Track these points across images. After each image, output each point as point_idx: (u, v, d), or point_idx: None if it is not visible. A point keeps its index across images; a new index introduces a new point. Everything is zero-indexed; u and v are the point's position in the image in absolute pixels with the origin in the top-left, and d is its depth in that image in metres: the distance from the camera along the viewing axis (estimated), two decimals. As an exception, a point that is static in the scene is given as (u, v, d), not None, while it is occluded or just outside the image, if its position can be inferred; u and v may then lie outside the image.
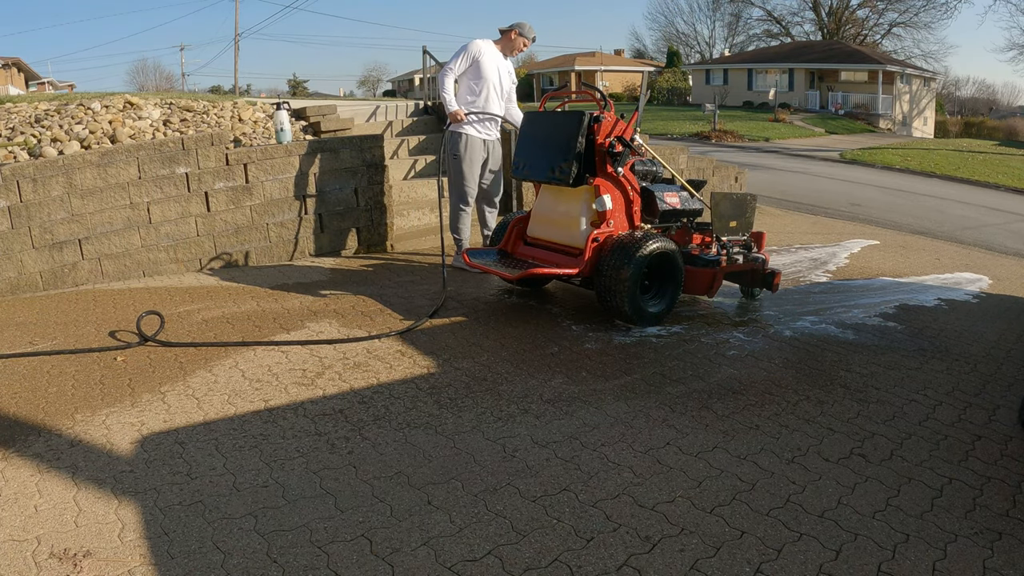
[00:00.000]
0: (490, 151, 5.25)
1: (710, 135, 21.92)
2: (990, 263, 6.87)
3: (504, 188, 5.69)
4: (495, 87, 5.16)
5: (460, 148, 5.11)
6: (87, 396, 3.03)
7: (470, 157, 5.13)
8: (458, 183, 5.21)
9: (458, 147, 5.11)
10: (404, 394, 3.07)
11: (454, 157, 5.15)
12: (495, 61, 5.15)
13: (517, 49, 5.24)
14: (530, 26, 5.17)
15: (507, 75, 5.28)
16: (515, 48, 5.22)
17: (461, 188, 5.20)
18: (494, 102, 5.17)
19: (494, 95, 5.17)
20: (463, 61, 5.08)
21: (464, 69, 5.10)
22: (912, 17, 41.57)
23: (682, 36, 52.67)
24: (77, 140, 5.21)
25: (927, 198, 12.37)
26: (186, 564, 1.94)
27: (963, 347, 3.97)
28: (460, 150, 5.11)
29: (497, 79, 5.16)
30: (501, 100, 5.25)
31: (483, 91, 5.11)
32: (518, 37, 5.16)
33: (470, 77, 5.12)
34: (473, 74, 5.10)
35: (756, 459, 2.56)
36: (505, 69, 5.26)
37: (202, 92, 16.08)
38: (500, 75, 5.19)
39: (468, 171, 5.15)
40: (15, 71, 30.73)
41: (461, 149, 5.11)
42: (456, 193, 5.24)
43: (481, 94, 5.12)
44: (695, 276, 4.21)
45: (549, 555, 2.00)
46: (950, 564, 2.00)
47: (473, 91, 5.12)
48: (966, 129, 40.73)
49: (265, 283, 4.85)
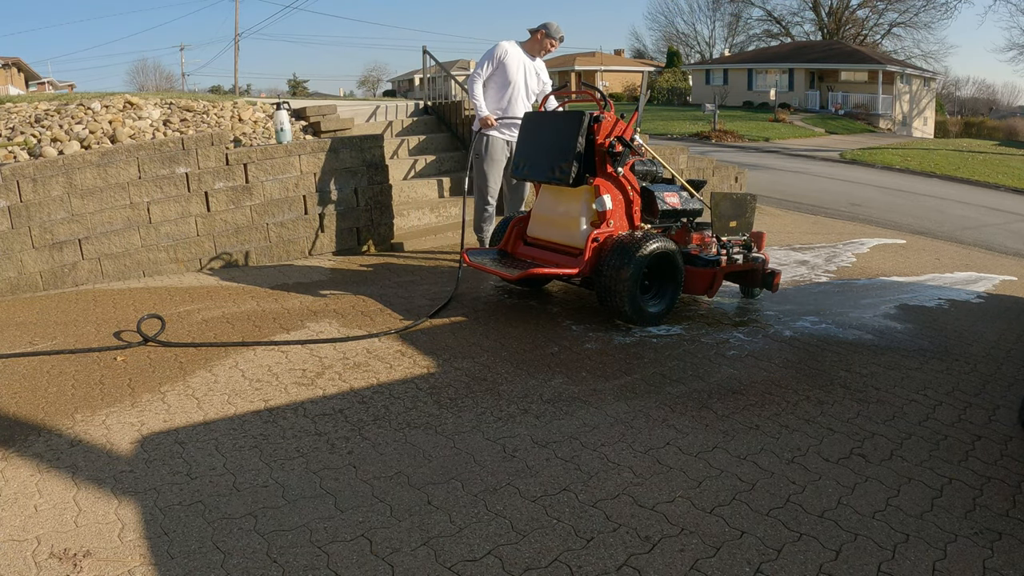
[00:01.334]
0: (513, 152, 5.29)
1: (710, 135, 21.91)
2: (990, 263, 6.87)
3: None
4: (521, 89, 5.24)
5: (482, 148, 5.24)
6: (87, 396, 3.03)
7: (491, 157, 5.23)
8: (480, 183, 5.33)
9: (480, 147, 5.24)
10: (404, 394, 3.07)
11: (476, 156, 5.29)
12: (521, 62, 5.22)
13: (545, 50, 5.29)
14: (557, 26, 5.23)
15: (535, 76, 5.34)
16: (543, 48, 5.28)
17: (483, 187, 5.32)
18: (519, 104, 5.25)
19: (520, 97, 5.25)
20: (489, 65, 5.17)
21: (491, 73, 5.18)
22: (912, 17, 41.59)
23: (682, 36, 52.72)
24: (77, 140, 5.21)
25: (927, 198, 12.37)
26: (186, 564, 1.94)
27: (963, 347, 3.97)
28: (482, 150, 5.24)
29: (523, 81, 5.24)
30: (528, 101, 5.33)
31: (508, 94, 5.21)
32: (545, 38, 5.22)
33: (497, 80, 5.21)
34: (500, 77, 5.19)
35: (756, 459, 2.56)
36: (533, 70, 5.31)
37: (202, 92, 16.08)
38: (527, 76, 5.26)
39: (489, 171, 5.26)
40: (15, 71, 30.72)
41: (483, 149, 5.23)
42: (479, 192, 5.36)
43: (507, 97, 5.22)
44: (695, 276, 4.21)
45: (549, 555, 2.00)
46: (950, 564, 2.00)
47: (500, 94, 5.23)
48: (966, 129, 40.73)
49: (265, 283, 4.85)
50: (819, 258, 6.34)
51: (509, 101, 5.20)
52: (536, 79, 5.35)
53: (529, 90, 5.30)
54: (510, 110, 5.20)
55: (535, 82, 5.34)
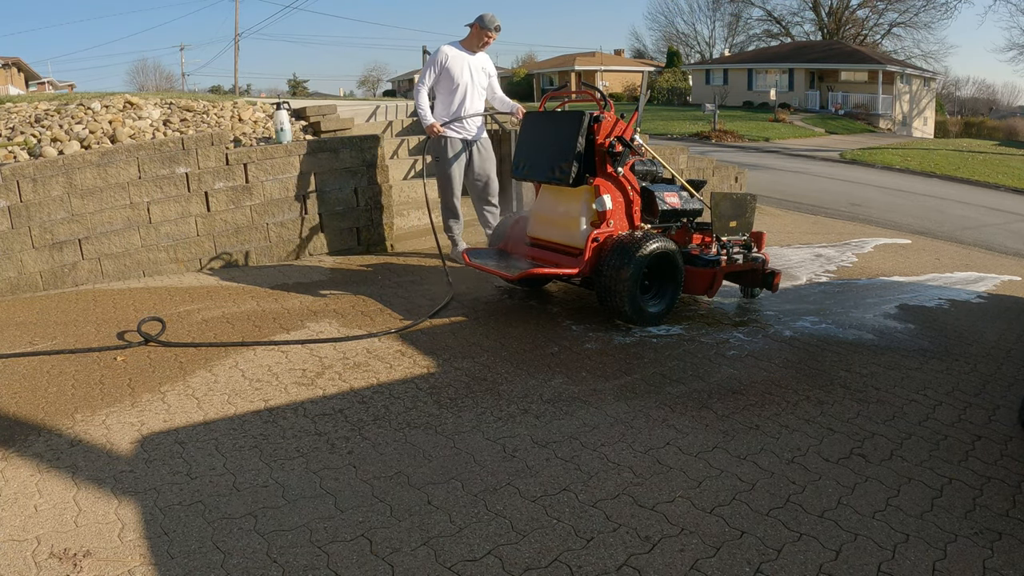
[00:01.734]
0: (474, 150, 5.25)
1: (710, 135, 21.90)
2: (990, 263, 6.87)
3: (503, 188, 5.69)
4: (470, 87, 5.15)
5: (438, 149, 5.19)
6: (87, 396, 3.03)
7: (449, 158, 5.18)
8: (440, 183, 5.30)
9: (436, 148, 5.20)
10: (404, 394, 3.07)
11: (436, 160, 5.24)
12: (464, 61, 5.14)
13: (483, 43, 5.17)
14: (492, 16, 5.07)
15: (481, 71, 5.23)
16: (481, 42, 5.16)
17: (443, 187, 5.29)
18: (472, 102, 5.17)
19: (472, 95, 5.17)
20: (431, 72, 5.11)
21: (435, 79, 5.13)
22: (912, 17, 41.56)
23: (682, 36, 52.68)
24: (77, 140, 5.21)
25: (927, 198, 12.36)
26: (186, 564, 1.94)
27: (963, 347, 3.97)
28: (438, 151, 5.19)
29: (469, 79, 5.14)
30: (481, 98, 5.26)
31: (458, 95, 5.13)
32: (481, 31, 5.11)
33: (443, 84, 5.15)
34: (445, 81, 5.13)
35: (756, 459, 2.56)
36: (478, 65, 5.20)
37: (202, 92, 16.08)
38: (472, 73, 5.16)
39: (448, 170, 5.21)
40: (15, 71, 30.72)
41: (439, 150, 5.18)
42: (442, 193, 5.33)
43: (456, 98, 5.13)
44: (695, 276, 4.21)
45: (549, 555, 2.00)
46: (950, 564, 2.00)
47: (450, 98, 5.15)
48: (966, 129, 40.71)
49: (265, 283, 4.85)
50: (823, 255, 6.35)
51: (461, 102, 5.12)
52: (482, 74, 5.23)
53: (478, 86, 5.20)
54: (465, 109, 5.13)
55: (482, 77, 5.23)
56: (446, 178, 5.23)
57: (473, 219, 5.67)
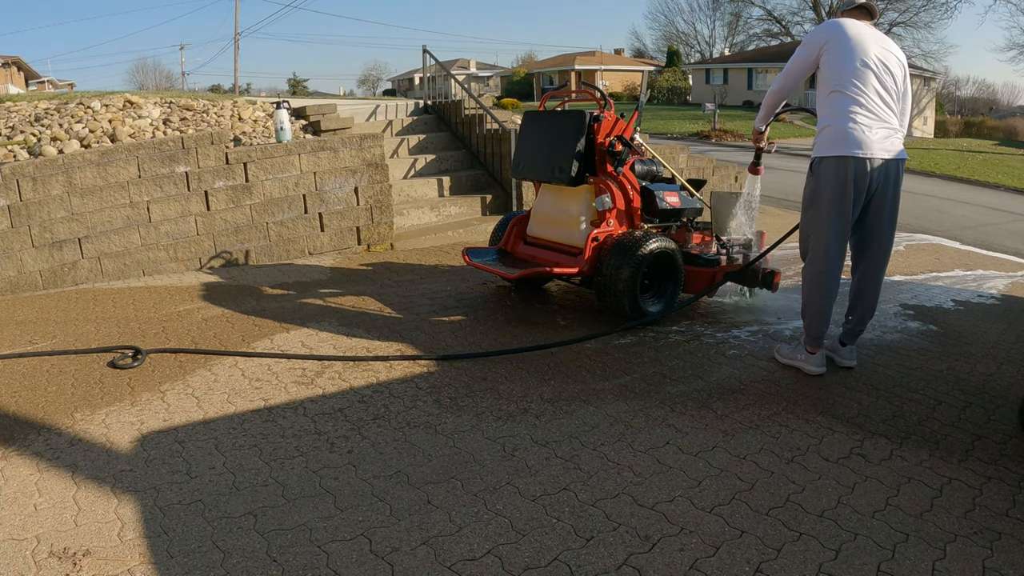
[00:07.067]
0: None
1: (710, 135, 21.91)
2: (990, 263, 6.86)
3: (504, 188, 5.69)
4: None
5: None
6: (87, 395, 3.03)
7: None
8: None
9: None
10: (404, 393, 3.07)
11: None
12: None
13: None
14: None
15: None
16: None
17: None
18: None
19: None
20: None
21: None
22: (912, 17, 41.52)
23: (682, 35, 52.73)
24: (77, 139, 5.21)
25: (927, 198, 12.36)
26: (186, 563, 1.94)
27: (963, 347, 3.97)
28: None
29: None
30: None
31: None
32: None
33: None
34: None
35: (756, 459, 2.56)
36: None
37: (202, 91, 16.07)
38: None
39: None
40: (15, 70, 30.70)
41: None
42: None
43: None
44: (695, 276, 4.21)
45: (549, 554, 2.00)
46: (950, 564, 2.00)
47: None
48: (966, 129, 40.67)
49: (265, 282, 4.85)
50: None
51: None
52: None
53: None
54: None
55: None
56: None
57: (474, 219, 5.66)
